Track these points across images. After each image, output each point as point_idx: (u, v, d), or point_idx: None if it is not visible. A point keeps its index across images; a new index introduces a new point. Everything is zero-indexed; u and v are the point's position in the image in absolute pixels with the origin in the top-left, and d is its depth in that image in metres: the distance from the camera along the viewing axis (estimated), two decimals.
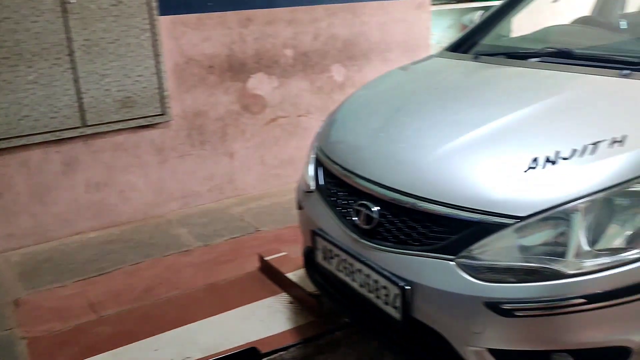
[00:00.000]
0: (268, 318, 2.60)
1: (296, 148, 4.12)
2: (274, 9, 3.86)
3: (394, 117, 2.13)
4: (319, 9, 4.03)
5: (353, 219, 1.92)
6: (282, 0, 3.86)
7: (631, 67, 1.99)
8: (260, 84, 3.94)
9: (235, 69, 3.83)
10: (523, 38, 2.75)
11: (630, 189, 1.53)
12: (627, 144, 1.58)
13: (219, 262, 3.15)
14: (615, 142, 1.60)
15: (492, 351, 1.62)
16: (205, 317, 2.61)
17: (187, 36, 3.61)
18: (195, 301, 2.77)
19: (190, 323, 2.58)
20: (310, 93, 4.16)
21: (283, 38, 3.95)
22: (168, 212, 3.79)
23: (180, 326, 2.55)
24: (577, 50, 2.26)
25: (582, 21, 2.91)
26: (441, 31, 4.99)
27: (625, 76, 1.95)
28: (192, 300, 2.78)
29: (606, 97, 1.89)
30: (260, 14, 3.82)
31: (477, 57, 2.51)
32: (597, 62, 2.12)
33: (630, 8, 3.09)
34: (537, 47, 2.38)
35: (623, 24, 2.86)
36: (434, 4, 4.74)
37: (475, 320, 1.60)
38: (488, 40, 2.72)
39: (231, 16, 3.72)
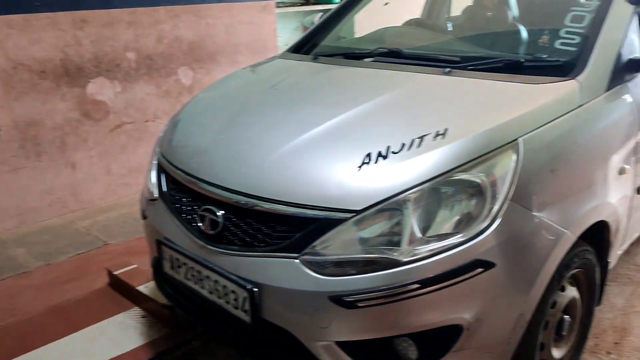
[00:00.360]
0: (119, 335, 2.45)
1: (145, 155, 3.95)
2: (112, 10, 3.66)
3: (236, 119, 2.11)
4: (161, 10, 3.90)
5: (198, 225, 1.87)
6: (120, 1, 3.68)
7: (452, 65, 2.15)
8: (101, 89, 3.72)
9: (72, 74, 3.57)
10: (359, 39, 2.87)
11: (453, 178, 1.64)
12: (448, 136, 1.70)
13: (62, 281, 2.92)
14: (438, 135, 1.72)
15: (340, 344, 1.66)
16: (48, 342, 2.40)
17: (12, 39, 3.30)
18: (36, 327, 2.54)
19: (30, 351, 2.36)
20: (157, 97, 4.01)
21: (124, 41, 3.77)
22: (2, 232, 3.44)
23: (17, 356, 2.32)
24: (406, 50, 2.40)
25: (413, 23, 3.10)
26: (288, 33, 5.08)
27: (447, 74, 2.11)
28: (32, 326, 2.54)
29: (431, 93, 2.03)
30: (96, 15, 3.60)
31: (316, 58, 2.57)
32: (424, 61, 2.28)
33: (455, 12, 3.35)
34: (371, 47, 2.50)
35: (448, 26, 3.10)
36: (278, 7, 4.80)
37: (321, 315, 1.63)
38: (327, 42, 2.81)
39: (63, 17, 3.46)
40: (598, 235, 2.05)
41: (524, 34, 2.41)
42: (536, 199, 1.68)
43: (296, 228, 1.68)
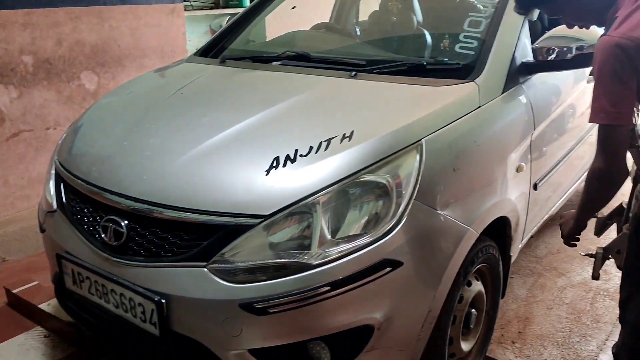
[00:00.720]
0: (20, 358, 2.30)
1: (46, 164, 3.72)
2: (4, 10, 3.43)
3: (140, 124, 2.04)
4: (60, 12, 3.70)
5: (101, 236, 1.79)
6: (13, 1, 3.45)
7: (358, 68, 2.18)
8: None
9: None
10: (267, 43, 2.86)
11: (360, 179, 1.66)
12: (354, 138, 1.72)
13: None
14: (345, 137, 1.73)
15: (253, 351, 1.63)
16: None
17: None
18: None
19: None
20: (58, 103, 3.80)
21: (19, 43, 3.54)
22: None
23: None
24: (314, 54, 2.41)
25: (321, 27, 3.13)
26: (198, 37, 4.97)
27: (353, 77, 2.14)
28: None
29: (338, 96, 2.05)
30: None
31: (224, 62, 2.53)
32: (331, 64, 2.30)
33: (362, 17, 3.41)
34: (279, 51, 2.49)
35: (355, 31, 3.15)
36: (187, 10, 4.70)
37: (232, 323, 1.60)
38: (235, 45, 2.78)
39: None
40: (500, 231, 2.15)
41: (427, 38, 2.49)
42: (440, 198, 1.73)
43: (204, 236, 1.63)
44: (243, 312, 1.57)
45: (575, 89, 2.74)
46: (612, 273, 2.90)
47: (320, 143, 1.72)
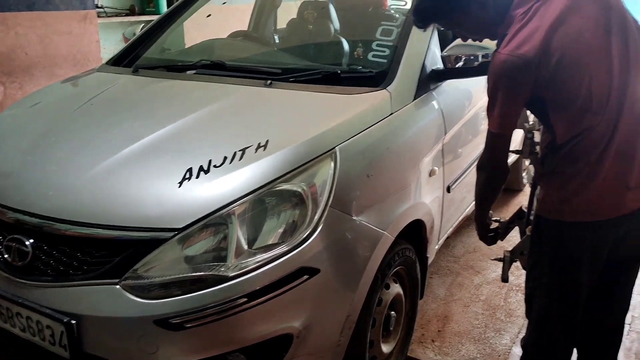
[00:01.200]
0: None
1: None
2: None
3: (46, 138, 1.95)
4: None
5: (4, 256, 1.69)
6: None
7: (273, 77, 2.19)
8: None
9: None
10: (182, 51, 2.82)
11: (276, 189, 1.66)
12: (269, 148, 1.72)
13: None
14: (260, 147, 1.73)
15: None
16: None
17: None
18: None
19: None
20: None
21: None
22: None
23: None
24: (229, 63, 2.39)
25: (238, 35, 3.11)
26: (114, 44, 4.81)
27: (268, 86, 2.14)
28: None
29: (253, 105, 2.04)
30: None
31: (137, 71, 2.47)
32: (247, 73, 2.29)
33: (280, 24, 3.42)
34: (194, 59, 2.45)
35: (272, 39, 3.16)
36: (101, 17, 4.54)
37: (148, 340, 1.55)
38: (150, 54, 2.71)
39: None
40: (415, 233, 2.21)
41: (342, 46, 2.53)
42: (355, 204, 1.76)
43: (115, 252, 1.58)
44: (158, 328, 1.53)
45: (483, 95, 2.85)
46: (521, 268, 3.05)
47: (235, 153, 1.71)
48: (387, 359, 2.17)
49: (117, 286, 1.56)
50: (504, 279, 2.02)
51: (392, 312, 2.12)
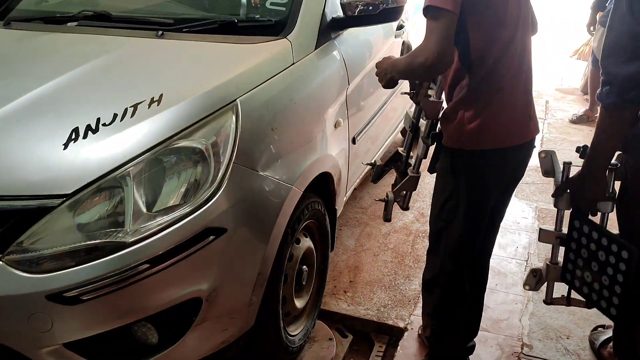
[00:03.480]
0: None
1: None
2: None
3: None
4: None
5: None
6: None
7: (165, 27, 2.03)
8: None
9: None
10: (62, 2, 2.56)
11: (173, 146, 1.55)
12: (164, 102, 1.60)
13: None
14: (153, 102, 1.61)
15: (70, 345, 1.48)
16: None
17: None
18: None
19: None
20: None
21: None
22: None
23: None
24: (115, 13, 2.20)
25: None
26: None
27: (160, 37, 1.99)
28: None
29: (143, 58, 1.90)
30: None
31: (9, 24, 2.22)
32: (135, 24, 2.12)
33: None
34: (75, 10, 2.23)
35: None
36: None
37: (40, 318, 1.42)
38: (24, 5, 2.44)
39: None
40: (323, 186, 2.18)
41: None
42: (260, 159, 1.69)
43: None
44: (52, 304, 1.40)
45: (386, 44, 2.84)
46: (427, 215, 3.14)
47: (126, 109, 1.58)
48: (301, 313, 2.17)
49: (0, 262, 1.41)
50: (387, 219, 2.12)
51: (304, 267, 2.10)
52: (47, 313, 1.42)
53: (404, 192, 2.08)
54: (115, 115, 1.56)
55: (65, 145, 1.49)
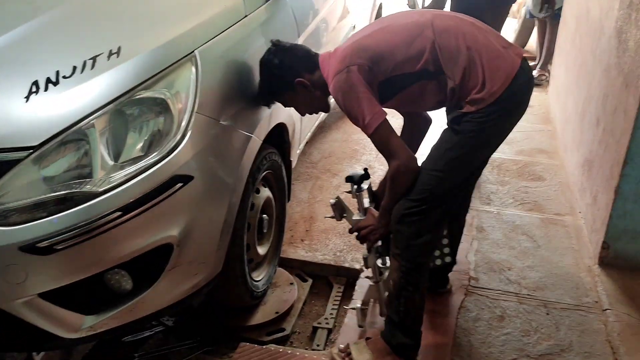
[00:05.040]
0: None
1: None
2: None
3: None
4: None
5: None
6: None
7: None
8: None
9: None
10: None
11: (136, 97, 1.57)
12: (123, 54, 1.61)
13: None
14: (112, 54, 1.61)
15: (45, 295, 1.50)
16: None
17: None
18: None
19: None
20: None
21: None
22: None
23: None
24: None
25: None
26: None
27: None
28: None
29: (99, 9, 1.86)
30: None
31: None
32: None
33: None
34: None
35: None
36: None
37: (14, 270, 1.44)
38: None
39: None
40: (279, 138, 2.24)
41: None
42: (221, 109, 1.73)
43: None
44: (25, 255, 1.42)
45: (328, 1, 2.90)
46: (376, 167, 3.26)
47: (85, 62, 1.58)
48: (263, 260, 2.25)
49: None
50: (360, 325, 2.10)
51: (265, 216, 2.18)
52: (20, 264, 1.43)
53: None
54: (74, 68, 1.56)
55: (27, 98, 1.48)
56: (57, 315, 1.53)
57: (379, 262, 2.03)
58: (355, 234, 1.97)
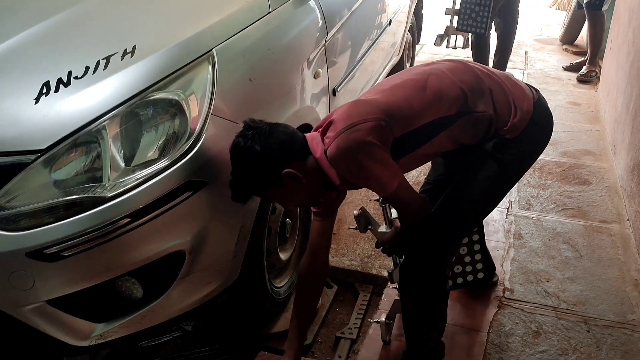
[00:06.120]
0: None
1: None
2: None
3: None
4: None
5: None
6: None
7: None
8: None
9: None
10: None
11: (149, 98, 1.51)
12: (137, 53, 1.56)
13: None
14: (126, 53, 1.56)
15: (53, 302, 1.47)
16: None
17: None
18: None
19: None
20: None
21: None
22: None
23: None
24: None
25: None
26: None
27: None
28: None
29: (114, 8, 1.82)
30: None
31: None
32: None
33: None
34: None
35: None
36: None
37: (20, 276, 1.41)
38: None
39: None
40: None
41: None
42: (239, 110, 1.66)
43: None
44: (32, 261, 1.39)
45: None
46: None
47: (98, 62, 1.53)
48: (286, 266, 2.18)
49: None
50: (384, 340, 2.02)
51: (288, 220, 2.10)
52: (27, 271, 1.40)
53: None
54: (87, 68, 1.51)
55: (37, 100, 1.45)
56: (66, 322, 1.50)
57: None
58: (382, 247, 1.87)
